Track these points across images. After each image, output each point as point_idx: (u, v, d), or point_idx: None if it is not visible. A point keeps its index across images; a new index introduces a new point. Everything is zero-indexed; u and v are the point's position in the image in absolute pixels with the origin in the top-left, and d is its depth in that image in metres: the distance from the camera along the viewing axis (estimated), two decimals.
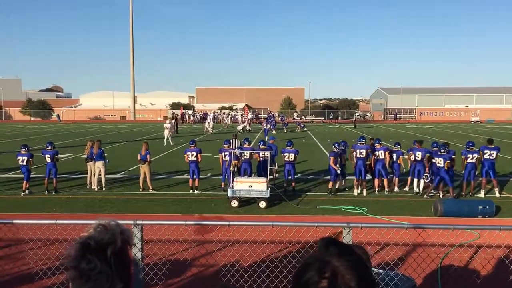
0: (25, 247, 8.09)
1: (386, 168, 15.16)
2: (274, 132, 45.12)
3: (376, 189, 15.12)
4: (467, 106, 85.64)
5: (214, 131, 43.84)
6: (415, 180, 15.09)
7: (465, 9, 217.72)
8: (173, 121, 39.77)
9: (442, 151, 14.22)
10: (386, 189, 15.14)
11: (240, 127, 46.12)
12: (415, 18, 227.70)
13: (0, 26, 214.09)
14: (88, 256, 1.50)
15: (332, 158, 14.76)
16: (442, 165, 14.06)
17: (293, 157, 15.17)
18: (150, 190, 15.24)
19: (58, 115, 79.30)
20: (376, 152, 15.17)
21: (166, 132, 32.79)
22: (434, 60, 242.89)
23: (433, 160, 14.54)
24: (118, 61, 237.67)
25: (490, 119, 73.71)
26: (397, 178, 15.54)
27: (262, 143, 16.15)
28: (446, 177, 14.05)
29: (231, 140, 16.72)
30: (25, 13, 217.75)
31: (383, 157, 15.09)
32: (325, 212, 12.61)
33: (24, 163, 14.74)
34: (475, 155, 14.52)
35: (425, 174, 14.74)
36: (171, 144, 31.21)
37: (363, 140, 15.41)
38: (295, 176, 15.54)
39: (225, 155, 15.25)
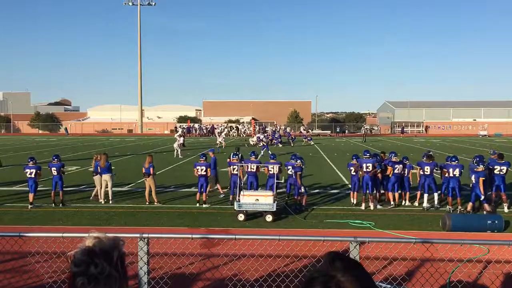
0: (31, 260, 8.10)
1: (399, 182, 15.07)
2: (280, 145, 45.15)
3: (392, 203, 15.03)
4: (475, 120, 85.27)
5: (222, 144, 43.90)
6: (425, 195, 14.91)
7: (472, 23, 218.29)
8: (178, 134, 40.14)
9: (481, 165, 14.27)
10: (392, 203, 15.03)
11: (252, 140, 46.10)
12: (422, 32, 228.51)
13: (10, 40, 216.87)
14: (96, 260, 1.55)
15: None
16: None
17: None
18: (156, 203, 15.24)
19: (66, 128, 79.84)
20: (397, 166, 15.01)
21: (175, 145, 33.46)
22: (441, 73, 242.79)
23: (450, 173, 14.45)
24: (126, 75, 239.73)
25: (498, 132, 73.30)
26: (407, 193, 15.46)
27: (272, 157, 15.89)
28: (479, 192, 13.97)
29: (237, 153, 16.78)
30: (35, 28, 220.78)
31: (400, 171, 14.98)
32: (332, 226, 12.54)
33: (32, 176, 14.81)
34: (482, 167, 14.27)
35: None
36: (180, 157, 31.59)
37: (368, 154, 15.31)
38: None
39: (233, 169, 15.24)
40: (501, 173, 14.45)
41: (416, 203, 15.21)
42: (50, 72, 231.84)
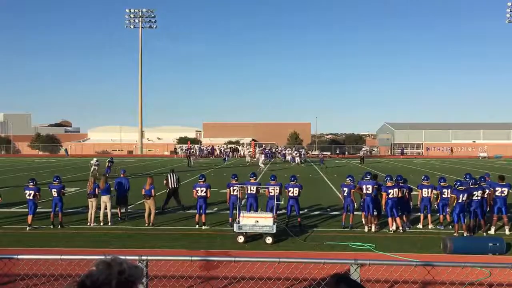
0: (29, 283, 8.02)
1: (397, 206, 14.53)
2: (303, 164, 45.89)
3: (391, 228, 14.45)
4: (475, 142, 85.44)
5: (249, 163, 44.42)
6: (421, 215, 15.24)
7: (471, 45, 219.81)
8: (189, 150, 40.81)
9: (483, 182, 14.59)
10: (391, 229, 14.46)
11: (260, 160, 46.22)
12: (421, 54, 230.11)
13: (12, 63, 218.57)
14: None
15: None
16: (484, 197, 14.18)
17: (297, 192, 15.00)
18: (150, 225, 15.17)
19: (66, 150, 79.92)
20: (390, 190, 14.48)
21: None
22: (441, 95, 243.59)
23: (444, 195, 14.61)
24: (126, 96, 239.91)
25: (497, 154, 73.34)
26: (429, 215, 15.21)
27: (272, 178, 15.82)
28: (480, 210, 14.04)
29: (168, 176, 18.08)
30: (36, 50, 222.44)
31: (396, 195, 14.49)
32: (332, 248, 12.44)
33: (31, 197, 14.75)
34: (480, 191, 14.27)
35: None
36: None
37: (369, 176, 15.29)
38: (300, 212, 15.32)
39: (233, 190, 15.16)
40: (502, 195, 14.39)
41: (420, 226, 15.13)
42: (51, 93, 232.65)
